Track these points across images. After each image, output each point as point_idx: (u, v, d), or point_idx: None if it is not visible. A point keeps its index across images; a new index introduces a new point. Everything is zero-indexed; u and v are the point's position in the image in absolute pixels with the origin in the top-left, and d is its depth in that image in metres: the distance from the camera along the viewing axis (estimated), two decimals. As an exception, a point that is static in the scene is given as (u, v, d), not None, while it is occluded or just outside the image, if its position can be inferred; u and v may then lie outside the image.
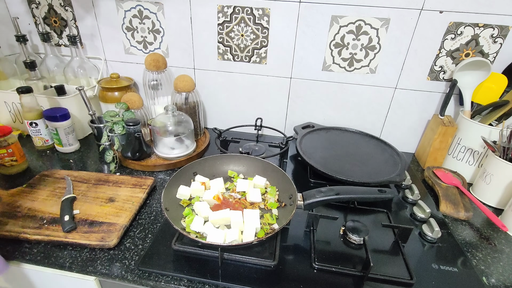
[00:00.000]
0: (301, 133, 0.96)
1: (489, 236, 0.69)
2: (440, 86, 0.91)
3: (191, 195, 0.69)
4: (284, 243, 0.62)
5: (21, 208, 0.66)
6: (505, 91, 0.83)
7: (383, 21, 0.84)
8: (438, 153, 0.90)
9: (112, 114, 0.83)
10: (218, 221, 0.60)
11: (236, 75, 1.01)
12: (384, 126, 1.02)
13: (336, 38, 0.89)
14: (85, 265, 0.55)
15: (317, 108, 1.03)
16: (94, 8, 0.98)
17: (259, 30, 0.92)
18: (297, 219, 0.68)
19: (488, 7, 0.78)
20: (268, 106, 1.05)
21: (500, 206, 0.77)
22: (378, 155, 0.89)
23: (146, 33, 0.99)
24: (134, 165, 0.84)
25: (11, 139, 0.77)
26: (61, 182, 0.75)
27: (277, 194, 0.71)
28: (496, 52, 0.84)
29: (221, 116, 1.11)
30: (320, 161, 0.83)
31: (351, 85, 0.96)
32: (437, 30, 0.83)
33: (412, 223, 0.71)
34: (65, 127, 0.87)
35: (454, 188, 0.79)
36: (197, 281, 0.53)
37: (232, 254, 0.57)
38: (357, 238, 0.61)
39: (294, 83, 0.99)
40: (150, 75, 0.95)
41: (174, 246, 0.58)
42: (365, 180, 0.76)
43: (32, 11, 1.03)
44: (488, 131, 0.79)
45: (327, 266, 0.56)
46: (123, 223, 0.62)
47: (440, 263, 0.59)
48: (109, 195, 0.71)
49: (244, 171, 0.79)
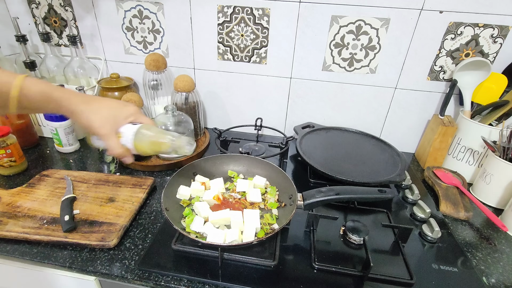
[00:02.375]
0: (301, 133, 0.96)
1: (489, 236, 0.69)
2: (440, 86, 0.91)
3: (191, 195, 0.69)
4: (284, 243, 0.62)
5: (21, 208, 0.66)
6: (505, 91, 0.83)
7: (383, 21, 0.84)
8: (438, 153, 0.90)
9: (112, 114, 0.83)
10: (218, 221, 0.60)
11: (236, 75, 1.01)
12: (384, 126, 1.02)
13: (336, 38, 0.89)
14: (85, 265, 0.55)
15: (317, 108, 1.03)
16: (94, 8, 0.98)
17: (259, 30, 0.92)
18: (297, 219, 0.68)
19: (488, 7, 0.78)
20: (268, 106, 1.05)
21: (500, 206, 0.77)
22: (378, 155, 0.89)
23: (146, 33, 0.99)
24: (134, 165, 0.84)
25: (9, 139, 0.77)
26: (61, 182, 0.75)
27: (277, 194, 0.71)
28: (496, 52, 0.84)
29: (221, 116, 1.11)
30: (320, 161, 0.83)
31: (351, 85, 0.96)
32: (437, 30, 0.83)
33: (412, 223, 0.71)
34: (65, 127, 0.87)
35: (454, 188, 0.79)
36: (197, 281, 0.53)
37: (232, 254, 0.57)
38: (357, 238, 0.61)
39: (294, 83, 0.99)
40: (150, 75, 0.95)
41: (174, 246, 0.58)
42: (365, 180, 0.76)
43: (32, 11, 1.03)
44: (488, 131, 0.79)
45: (327, 266, 0.56)
46: (123, 223, 0.62)
47: (440, 263, 0.59)
48: (109, 195, 0.71)
49: (244, 171, 0.79)
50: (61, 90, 0.51)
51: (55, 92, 0.50)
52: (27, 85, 0.47)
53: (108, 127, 0.52)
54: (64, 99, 0.50)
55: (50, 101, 0.50)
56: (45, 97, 0.49)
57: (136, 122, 0.56)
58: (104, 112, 0.53)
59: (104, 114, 0.52)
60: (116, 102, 0.56)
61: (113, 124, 0.53)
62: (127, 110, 0.55)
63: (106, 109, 0.53)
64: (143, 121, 0.57)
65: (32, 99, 0.48)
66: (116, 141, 0.54)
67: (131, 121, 0.56)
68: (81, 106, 0.51)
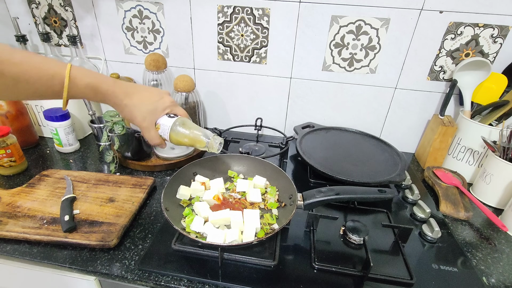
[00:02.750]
0: (301, 133, 0.96)
1: (489, 236, 0.69)
2: (440, 86, 0.91)
3: (191, 195, 0.69)
4: (284, 243, 0.62)
5: (21, 208, 0.66)
6: (505, 91, 0.83)
7: (383, 21, 0.84)
8: (438, 153, 0.90)
9: (112, 114, 0.83)
10: (218, 221, 0.60)
11: (236, 75, 1.01)
12: (384, 126, 1.02)
13: (336, 38, 0.89)
14: (85, 265, 0.55)
15: (317, 108, 1.03)
16: (94, 8, 0.98)
17: (259, 30, 0.92)
18: (297, 219, 0.68)
19: (488, 7, 0.78)
20: (268, 106, 1.05)
21: (500, 206, 0.77)
22: (378, 155, 0.89)
23: (146, 33, 0.99)
24: (134, 165, 0.84)
25: (9, 139, 0.77)
26: (61, 182, 0.75)
27: (277, 194, 0.71)
28: (496, 52, 0.84)
29: (221, 116, 1.11)
30: (320, 161, 0.83)
31: (351, 85, 0.96)
32: (437, 30, 0.83)
33: (412, 223, 0.71)
34: (65, 127, 0.87)
35: (454, 188, 0.79)
36: (197, 281, 0.53)
37: (232, 254, 0.57)
38: (357, 238, 0.61)
39: (294, 83, 0.99)
40: (150, 75, 0.95)
41: (174, 246, 0.58)
42: (365, 180, 0.76)
43: (32, 11, 1.03)
44: (488, 131, 0.79)
45: (327, 266, 0.56)
46: (123, 223, 0.62)
47: (440, 263, 0.59)
48: (109, 195, 0.71)
49: (244, 171, 0.79)
50: (106, 83, 0.53)
51: (101, 85, 0.53)
52: (75, 77, 0.49)
53: (148, 120, 0.58)
54: (109, 94, 0.54)
55: (97, 94, 0.53)
56: (92, 90, 0.52)
57: (172, 114, 0.60)
58: (144, 106, 0.57)
59: (145, 109, 0.57)
60: (154, 94, 0.59)
61: (153, 117, 0.58)
62: (163, 102, 0.59)
63: (146, 103, 0.57)
64: (179, 112, 0.62)
65: (80, 92, 0.51)
66: (155, 132, 0.60)
67: (167, 112, 0.60)
68: (125, 100, 0.55)
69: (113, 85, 0.54)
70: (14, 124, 0.86)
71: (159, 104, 0.59)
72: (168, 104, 0.60)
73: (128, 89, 0.56)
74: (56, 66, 0.48)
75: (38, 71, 0.46)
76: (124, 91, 0.55)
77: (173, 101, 0.62)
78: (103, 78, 0.54)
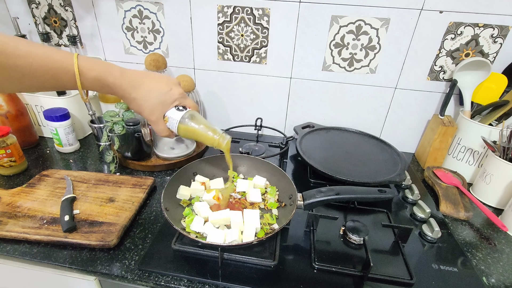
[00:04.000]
0: (301, 133, 0.96)
1: (489, 236, 0.69)
2: (440, 86, 0.91)
3: (191, 195, 0.69)
4: (284, 243, 0.62)
5: (21, 208, 0.66)
6: (505, 91, 0.83)
7: (383, 21, 0.84)
8: (438, 153, 0.90)
9: (112, 114, 0.83)
10: (218, 221, 0.60)
11: (236, 75, 1.01)
12: (384, 126, 1.02)
13: (336, 38, 0.89)
14: (85, 265, 0.55)
15: (317, 108, 1.03)
16: (94, 8, 0.98)
17: (259, 30, 0.92)
18: (297, 219, 0.68)
19: (488, 7, 0.78)
20: (268, 106, 1.05)
21: (500, 206, 0.77)
22: (378, 155, 0.89)
23: (146, 33, 0.99)
24: (134, 165, 0.84)
25: (9, 139, 0.77)
26: (61, 182, 0.75)
27: (277, 194, 0.71)
28: (496, 52, 0.84)
29: (221, 116, 1.11)
30: (320, 161, 0.83)
31: (351, 85, 0.96)
32: (437, 30, 0.83)
33: (412, 223, 0.71)
34: (65, 127, 0.87)
35: (454, 188, 0.79)
36: (197, 281, 0.53)
37: (232, 254, 0.57)
38: (357, 238, 0.61)
39: (294, 83, 0.99)
40: (150, 75, 0.94)
41: (174, 246, 0.58)
42: (365, 180, 0.76)
43: (32, 11, 1.03)
44: (488, 131, 0.79)
45: (327, 266, 0.56)
46: (123, 223, 0.62)
47: (440, 263, 0.59)
48: (109, 195, 0.71)
49: (244, 171, 0.79)
50: (112, 75, 0.52)
51: (108, 78, 0.52)
52: (83, 68, 0.49)
53: (157, 113, 0.57)
54: (116, 87, 0.53)
55: (104, 86, 0.52)
56: (100, 83, 0.51)
57: (181, 106, 0.59)
58: (153, 99, 0.56)
59: (153, 102, 0.56)
60: (163, 83, 0.57)
61: (161, 110, 0.57)
62: (172, 95, 0.57)
63: (155, 96, 0.56)
64: (188, 104, 0.60)
65: (89, 84, 0.50)
66: (163, 125, 0.59)
67: (176, 104, 0.58)
68: (133, 93, 0.55)
69: (120, 78, 0.53)
70: (14, 124, 0.86)
71: (167, 96, 0.57)
72: (177, 96, 0.58)
73: (136, 80, 0.55)
74: (62, 57, 0.47)
75: (44, 64, 0.45)
76: (131, 84, 0.54)
77: (182, 92, 0.59)
78: (110, 68, 0.52)
